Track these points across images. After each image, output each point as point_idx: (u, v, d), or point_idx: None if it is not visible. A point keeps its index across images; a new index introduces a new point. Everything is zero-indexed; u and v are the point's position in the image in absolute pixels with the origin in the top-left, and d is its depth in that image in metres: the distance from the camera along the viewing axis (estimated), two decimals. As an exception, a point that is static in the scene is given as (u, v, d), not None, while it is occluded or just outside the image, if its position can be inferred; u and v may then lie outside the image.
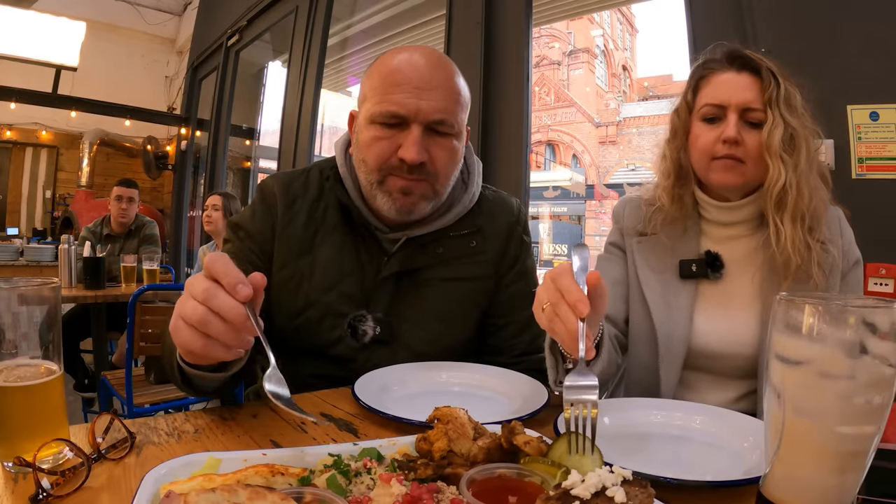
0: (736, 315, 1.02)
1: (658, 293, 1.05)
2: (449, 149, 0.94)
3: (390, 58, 0.95)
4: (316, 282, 0.98)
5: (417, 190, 0.93)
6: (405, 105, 0.89)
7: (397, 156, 0.91)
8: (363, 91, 0.97)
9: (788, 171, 0.95)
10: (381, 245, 1.01)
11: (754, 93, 0.98)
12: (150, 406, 2.28)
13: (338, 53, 4.94)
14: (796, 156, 0.96)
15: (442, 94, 0.92)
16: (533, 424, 0.67)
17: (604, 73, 23.51)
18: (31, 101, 5.78)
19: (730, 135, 0.97)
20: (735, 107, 0.98)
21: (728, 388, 1.03)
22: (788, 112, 0.96)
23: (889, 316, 0.41)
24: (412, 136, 0.90)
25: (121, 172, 6.15)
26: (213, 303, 0.59)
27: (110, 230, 3.61)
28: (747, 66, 0.99)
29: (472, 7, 2.53)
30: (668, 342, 1.02)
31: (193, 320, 0.59)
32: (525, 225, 1.11)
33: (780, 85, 0.96)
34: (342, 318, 0.97)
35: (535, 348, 1.09)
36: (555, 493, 0.40)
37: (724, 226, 1.06)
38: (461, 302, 1.02)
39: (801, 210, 0.96)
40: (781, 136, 0.95)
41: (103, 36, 6.75)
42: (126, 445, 0.60)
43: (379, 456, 0.50)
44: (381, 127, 0.91)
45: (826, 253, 0.98)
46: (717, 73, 1.02)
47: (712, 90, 1.01)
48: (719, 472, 0.59)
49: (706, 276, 1.04)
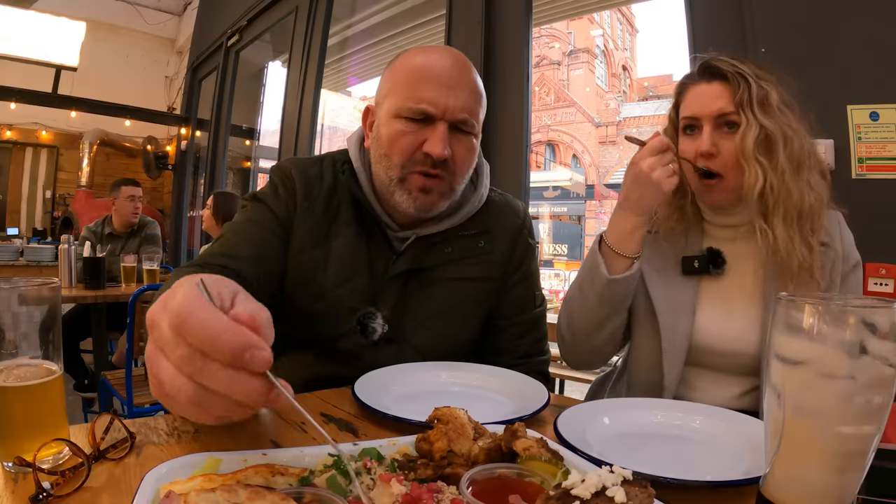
0: (737, 312, 1.02)
1: (661, 288, 1.06)
2: (469, 147, 0.96)
3: (416, 55, 0.96)
4: (330, 274, 0.97)
5: (437, 188, 0.94)
6: (435, 102, 0.90)
7: (422, 150, 0.91)
8: (385, 86, 0.97)
9: (767, 173, 0.95)
10: (390, 243, 1.01)
11: (725, 99, 0.98)
12: (150, 406, 2.28)
13: (338, 53, 4.94)
14: (775, 156, 0.96)
15: (468, 94, 0.93)
16: (533, 424, 0.67)
17: (604, 73, 23.51)
18: (31, 101, 5.77)
19: (702, 149, 0.99)
20: (708, 117, 1.00)
21: (730, 385, 1.03)
22: (763, 113, 0.96)
23: (889, 316, 0.41)
24: (438, 131, 0.91)
25: (121, 172, 6.15)
26: (205, 380, 0.42)
27: (112, 230, 3.60)
28: (716, 74, 1.01)
29: (472, 7, 2.53)
30: (671, 335, 1.03)
31: (182, 397, 0.43)
32: (530, 228, 1.12)
33: (750, 86, 0.97)
34: (352, 314, 0.97)
35: (537, 350, 1.09)
36: (555, 493, 0.40)
37: (726, 227, 1.07)
38: (467, 302, 1.02)
39: (792, 209, 0.96)
40: (755, 138, 0.95)
41: (103, 36, 6.75)
42: (126, 445, 0.60)
43: (379, 456, 0.50)
44: (406, 121, 0.92)
45: (827, 255, 0.99)
46: (691, 87, 1.04)
47: (688, 104, 1.04)
48: (719, 472, 0.59)
49: (708, 273, 1.04)
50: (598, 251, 1.01)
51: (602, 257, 1.00)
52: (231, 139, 5.42)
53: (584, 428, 0.66)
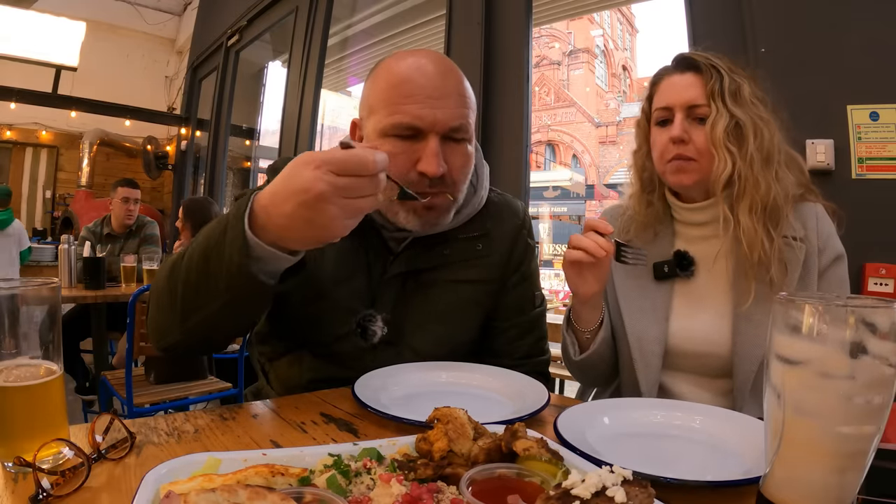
0: (707, 314, 1.02)
1: (631, 297, 1.07)
2: (465, 155, 0.93)
3: (395, 65, 0.92)
4: (326, 276, 0.96)
5: (439, 204, 0.92)
6: (421, 116, 0.87)
7: (416, 170, 0.88)
8: (368, 101, 0.93)
9: (736, 161, 0.96)
10: (386, 244, 1.00)
11: (697, 89, 1.00)
12: (150, 406, 2.28)
13: (338, 53, 4.94)
14: (745, 146, 0.97)
15: (455, 101, 0.90)
16: (533, 424, 0.67)
17: (604, 73, 23.51)
18: (31, 101, 5.78)
19: (674, 134, 1.00)
20: (680, 106, 1.01)
21: (705, 388, 1.03)
22: (734, 103, 0.97)
23: (889, 316, 0.41)
24: (430, 147, 0.87)
25: (121, 172, 6.15)
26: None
27: (111, 230, 3.60)
28: (690, 66, 1.02)
29: (472, 7, 2.53)
30: (640, 344, 1.04)
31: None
32: (530, 229, 1.11)
33: (723, 77, 0.98)
34: (351, 316, 0.96)
35: (537, 351, 1.09)
36: (555, 493, 0.40)
37: (695, 226, 1.06)
38: (465, 304, 1.01)
39: (759, 200, 0.96)
40: (725, 126, 0.96)
41: (103, 36, 6.76)
42: (126, 445, 0.60)
43: (379, 456, 0.50)
44: (395, 140, 0.88)
45: (789, 248, 0.97)
46: (664, 78, 1.05)
47: (661, 95, 1.05)
48: (719, 472, 0.59)
49: (678, 276, 1.05)
50: (566, 330, 1.08)
51: (568, 336, 1.07)
52: (231, 139, 5.43)
53: (584, 428, 0.66)
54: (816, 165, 1.52)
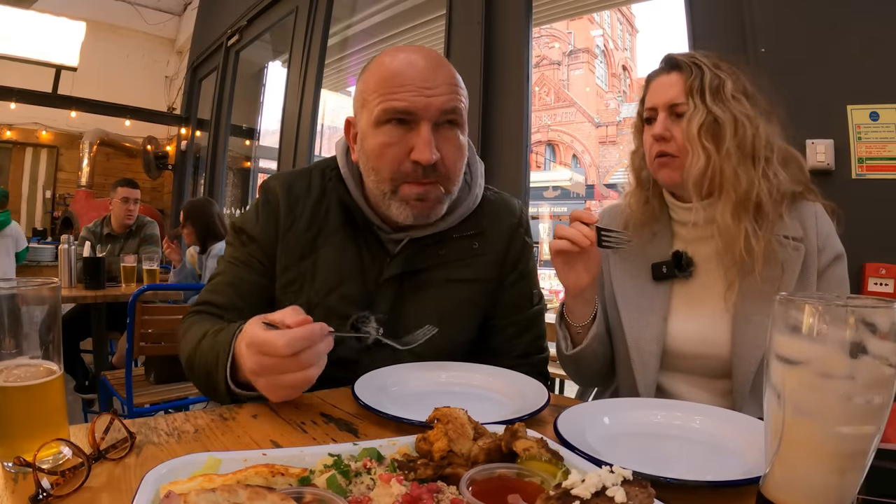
0: (706, 315, 1.02)
1: (629, 297, 1.07)
2: (457, 143, 0.94)
3: (387, 60, 0.93)
4: (318, 285, 0.97)
5: (432, 194, 0.93)
6: (413, 101, 0.88)
7: (410, 159, 0.89)
8: (361, 96, 0.95)
9: (711, 156, 0.97)
10: (383, 245, 1.00)
11: (678, 88, 1.01)
12: (150, 406, 2.28)
13: (338, 53, 4.94)
14: (722, 142, 0.97)
15: (446, 89, 0.91)
16: (533, 424, 0.67)
17: (604, 73, 23.52)
18: (31, 101, 5.78)
19: (655, 132, 1.02)
20: (663, 105, 1.03)
21: (704, 389, 1.03)
22: (713, 99, 0.98)
23: (889, 316, 0.41)
24: (423, 135, 0.88)
25: (121, 172, 6.15)
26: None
27: (111, 230, 3.60)
28: (675, 66, 1.03)
29: (472, 7, 2.53)
30: (637, 344, 1.04)
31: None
32: (527, 226, 1.11)
33: (703, 75, 0.99)
34: (345, 320, 0.96)
35: (535, 349, 1.09)
36: (555, 493, 0.40)
37: (693, 226, 1.06)
38: (463, 303, 1.01)
39: (742, 197, 0.96)
40: (701, 122, 0.97)
41: (103, 36, 6.75)
42: (126, 445, 0.60)
43: (379, 456, 0.50)
44: (388, 128, 0.90)
45: (788, 248, 0.97)
46: (654, 79, 1.07)
47: (649, 96, 1.07)
48: (719, 472, 0.59)
49: (676, 277, 1.05)
50: (559, 324, 1.08)
51: (560, 330, 1.08)
52: (231, 139, 5.43)
53: (583, 428, 0.66)
54: (816, 165, 1.52)
